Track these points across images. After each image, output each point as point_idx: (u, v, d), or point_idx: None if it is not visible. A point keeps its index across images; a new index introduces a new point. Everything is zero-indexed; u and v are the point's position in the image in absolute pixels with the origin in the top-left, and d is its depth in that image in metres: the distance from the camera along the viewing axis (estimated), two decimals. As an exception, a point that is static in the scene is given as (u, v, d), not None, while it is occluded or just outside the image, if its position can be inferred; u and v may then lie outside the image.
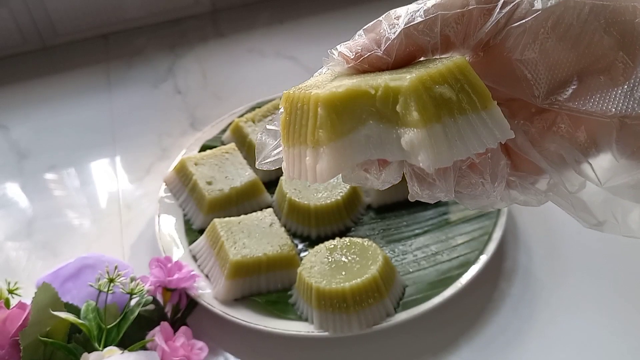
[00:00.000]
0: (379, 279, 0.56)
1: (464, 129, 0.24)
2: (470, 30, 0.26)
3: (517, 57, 0.26)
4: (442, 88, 0.24)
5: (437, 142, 0.23)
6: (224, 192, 0.67)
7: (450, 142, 0.24)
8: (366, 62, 0.27)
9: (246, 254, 0.59)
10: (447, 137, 0.24)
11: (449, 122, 0.24)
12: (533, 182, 0.28)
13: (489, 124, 0.24)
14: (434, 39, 0.26)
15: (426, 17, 0.26)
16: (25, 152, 0.84)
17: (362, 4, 1.03)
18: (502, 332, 0.57)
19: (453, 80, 0.24)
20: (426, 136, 0.23)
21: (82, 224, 0.73)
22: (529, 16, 0.25)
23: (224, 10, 1.06)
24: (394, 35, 0.26)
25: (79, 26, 1.00)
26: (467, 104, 0.24)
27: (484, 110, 0.24)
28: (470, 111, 0.24)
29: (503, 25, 0.26)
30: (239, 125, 0.75)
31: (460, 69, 0.24)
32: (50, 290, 0.52)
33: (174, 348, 0.53)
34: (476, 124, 0.24)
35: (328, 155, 0.24)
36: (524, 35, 0.25)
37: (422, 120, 0.23)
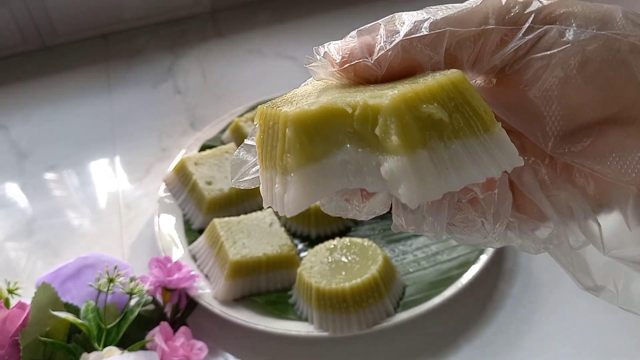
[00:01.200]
0: (379, 279, 0.56)
1: (457, 156, 0.20)
2: (484, 54, 0.22)
3: (534, 93, 0.22)
4: (430, 107, 0.20)
5: (421, 172, 0.19)
6: (223, 192, 0.67)
7: (440, 171, 0.20)
8: (352, 69, 0.23)
9: (246, 254, 0.59)
10: (436, 165, 0.20)
11: (438, 147, 0.20)
12: (533, 229, 0.24)
13: (491, 150, 0.21)
14: (436, 58, 0.22)
15: (432, 31, 0.22)
16: (25, 152, 0.84)
17: (362, 4, 1.03)
18: (502, 332, 0.57)
19: (445, 98, 0.20)
20: (407, 164, 0.19)
21: (82, 224, 0.73)
22: (556, 48, 0.21)
23: (224, 10, 1.06)
24: (389, 45, 0.22)
25: (78, 26, 1.00)
26: (464, 126, 0.21)
27: (486, 133, 0.21)
28: (467, 134, 0.21)
29: (524, 54, 0.22)
30: (238, 125, 0.75)
31: (456, 86, 0.21)
32: (50, 290, 0.52)
33: (174, 348, 0.53)
34: (474, 149, 0.21)
35: (296, 184, 0.20)
36: (546, 69, 0.21)
37: (402, 145, 0.19)
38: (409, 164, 0.19)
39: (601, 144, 0.22)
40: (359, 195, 0.23)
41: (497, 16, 0.22)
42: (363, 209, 0.23)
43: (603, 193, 0.22)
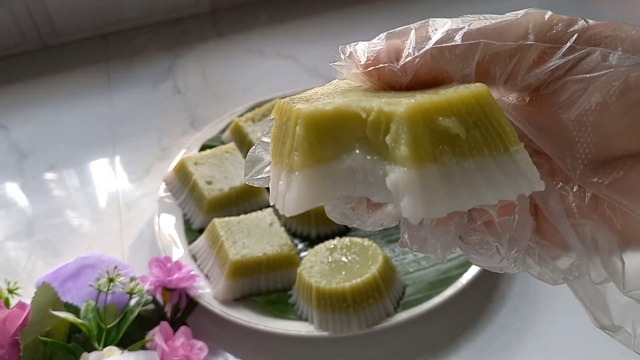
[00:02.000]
0: (379, 279, 0.56)
1: (470, 174, 0.19)
2: (519, 70, 0.21)
3: (568, 117, 0.20)
4: (447, 121, 0.19)
5: (428, 187, 0.18)
6: (223, 192, 0.67)
7: (448, 189, 0.19)
8: (376, 73, 0.22)
9: (246, 254, 0.59)
10: (444, 181, 0.19)
11: (449, 163, 0.19)
12: (554, 257, 0.23)
13: (509, 171, 0.19)
14: (467, 70, 0.21)
15: (465, 41, 0.21)
16: (25, 152, 0.84)
17: (362, 4, 1.03)
18: (502, 332, 0.57)
19: (465, 113, 0.19)
20: (414, 177, 0.18)
21: (82, 224, 0.73)
22: (597, 71, 0.20)
23: (224, 10, 1.06)
24: (418, 52, 0.21)
25: (78, 26, 1.00)
26: (481, 143, 0.19)
27: (506, 152, 0.20)
28: (483, 153, 0.19)
29: (562, 74, 0.20)
30: (238, 125, 0.75)
31: (478, 100, 0.20)
32: (50, 290, 0.52)
33: (174, 348, 0.53)
34: (490, 169, 0.19)
35: (299, 184, 0.20)
36: (583, 92, 0.20)
37: (411, 157, 0.18)
38: (416, 177, 0.18)
39: (632, 179, 0.20)
40: (365, 204, 0.22)
41: (537, 32, 0.21)
42: (368, 220, 0.22)
43: (630, 230, 0.21)
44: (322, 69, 0.91)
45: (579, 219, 0.22)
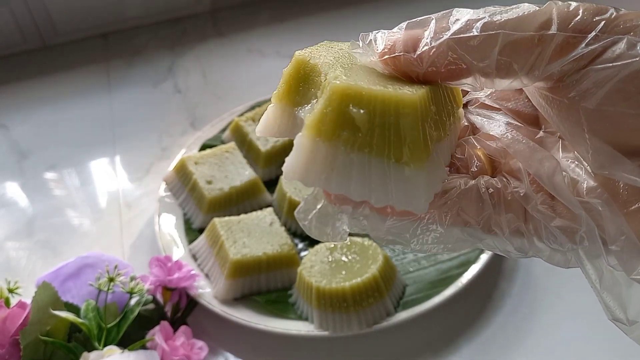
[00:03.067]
0: (379, 279, 0.56)
1: (351, 165, 0.20)
2: (542, 61, 0.20)
3: (587, 106, 0.20)
4: (356, 111, 0.20)
5: (310, 157, 0.20)
6: (224, 192, 0.67)
7: (326, 167, 0.20)
8: (392, 62, 0.22)
9: (246, 253, 0.59)
10: (326, 160, 0.20)
11: (339, 147, 0.20)
12: (562, 229, 0.22)
13: (389, 180, 0.20)
14: (486, 61, 0.21)
15: (483, 32, 0.20)
16: (25, 151, 0.84)
17: (362, 3, 1.03)
18: (502, 332, 0.57)
19: (378, 111, 0.20)
20: (304, 144, 0.20)
21: (82, 224, 0.73)
22: (622, 60, 0.19)
23: (224, 10, 1.06)
24: (436, 42, 0.21)
25: (79, 25, 1.00)
26: (376, 143, 0.20)
27: (397, 163, 0.20)
28: (372, 153, 0.20)
29: (586, 64, 0.20)
30: (238, 125, 0.75)
31: (398, 106, 0.20)
32: (51, 290, 0.52)
33: (174, 347, 0.53)
34: (371, 169, 0.20)
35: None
36: (605, 82, 0.19)
37: (310, 126, 0.20)
38: (305, 144, 0.20)
39: None
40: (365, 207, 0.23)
41: (561, 21, 0.20)
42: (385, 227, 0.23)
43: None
44: (322, 69, 0.91)
45: (586, 198, 0.21)
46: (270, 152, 0.72)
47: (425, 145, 0.21)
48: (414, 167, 0.20)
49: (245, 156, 0.72)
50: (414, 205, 0.21)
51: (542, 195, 0.22)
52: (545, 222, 0.22)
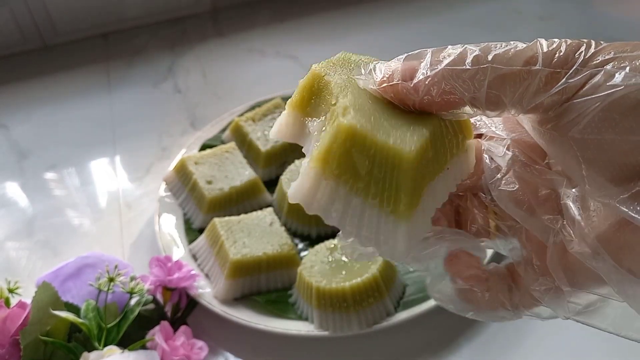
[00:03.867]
0: (379, 279, 0.56)
1: (348, 206, 0.22)
2: (528, 94, 0.22)
3: (574, 136, 0.21)
4: (359, 157, 0.22)
5: (314, 189, 0.23)
6: (224, 192, 0.67)
7: (326, 202, 0.22)
8: (391, 90, 0.24)
9: (246, 253, 0.59)
10: (327, 195, 0.22)
11: (339, 187, 0.22)
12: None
13: (380, 228, 0.22)
14: (476, 93, 0.22)
15: (474, 65, 0.22)
16: (25, 151, 0.84)
17: (362, 3, 1.03)
18: (502, 332, 0.57)
19: (377, 162, 0.22)
20: (311, 176, 0.23)
21: (82, 223, 0.73)
22: (600, 92, 0.20)
23: (224, 10, 1.06)
24: (430, 72, 0.23)
25: (79, 25, 1.00)
26: (372, 192, 0.22)
27: (392, 213, 0.22)
28: (369, 201, 0.22)
29: (570, 97, 0.21)
30: (239, 125, 0.75)
31: (396, 161, 0.22)
32: (51, 290, 0.52)
33: (174, 347, 0.53)
34: (363, 214, 0.22)
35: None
36: (588, 113, 0.21)
37: (317, 161, 0.22)
38: (311, 177, 0.22)
39: None
40: None
41: (545, 57, 0.22)
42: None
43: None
44: (322, 69, 0.91)
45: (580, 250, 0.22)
46: (270, 152, 0.72)
47: (415, 198, 0.22)
48: (401, 219, 0.22)
49: (245, 156, 0.72)
50: (395, 254, 0.23)
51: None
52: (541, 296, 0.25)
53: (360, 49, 0.96)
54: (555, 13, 1.02)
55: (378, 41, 0.95)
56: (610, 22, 0.99)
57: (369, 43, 0.95)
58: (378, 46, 0.93)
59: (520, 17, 1.02)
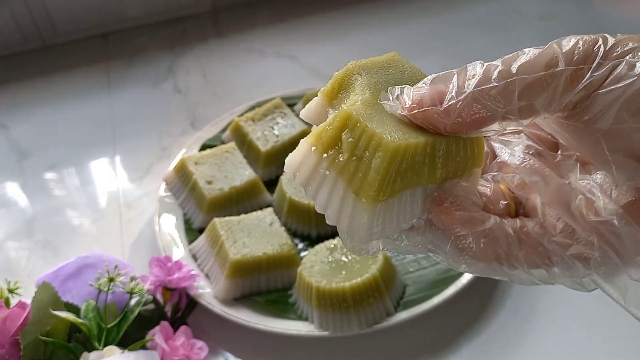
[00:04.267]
0: (379, 279, 0.56)
1: (324, 181, 0.24)
2: (557, 96, 0.22)
3: (601, 127, 0.22)
4: (347, 138, 0.24)
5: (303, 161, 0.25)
6: (224, 192, 0.67)
7: (309, 175, 0.24)
8: (421, 116, 0.24)
9: (246, 254, 0.59)
10: (311, 169, 0.24)
11: (322, 163, 0.24)
12: (577, 257, 0.24)
13: (346, 209, 0.24)
14: (509, 107, 0.23)
15: (501, 81, 0.22)
16: (25, 151, 0.84)
17: (362, 3, 1.03)
18: (502, 332, 0.57)
19: (365, 146, 0.23)
20: (302, 151, 0.25)
21: (82, 224, 0.73)
22: (624, 81, 0.21)
23: (224, 10, 1.06)
24: (460, 96, 0.23)
25: (79, 26, 1.00)
26: (350, 172, 0.24)
27: (355, 194, 0.23)
28: (343, 178, 0.24)
29: (594, 90, 0.22)
30: (239, 125, 0.75)
31: (383, 148, 0.23)
32: (51, 290, 0.52)
33: (174, 347, 0.53)
34: (337, 191, 0.24)
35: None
36: (613, 103, 0.21)
37: (311, 136, 0.25)
38: (303, 150, 0.25)
39: None
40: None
41: (565, 57, 0.22)
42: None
43: None
44: (322, 69, 0.91)
45: (603, 216, 0.23)
46: (270, 152, 0.72)
47: (385, 190, 0.23)
48: (364, 204, 0.23)
49: (245, 156, 0.72)
50: (352, 237, 0.24)
51: (562, 222, 0.24)
52: (561, 253, 0.24)
53: (360, 49, 0.96)
54: (555, 13, 1.02)
55: (378, 41, 0.95)
56: (610, 22, 0.99)
57: (369, 43, 0.95)
58: (378, 46, 0.93)
59: (520, 17, 1.02)
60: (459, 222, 0.24)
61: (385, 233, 0.24)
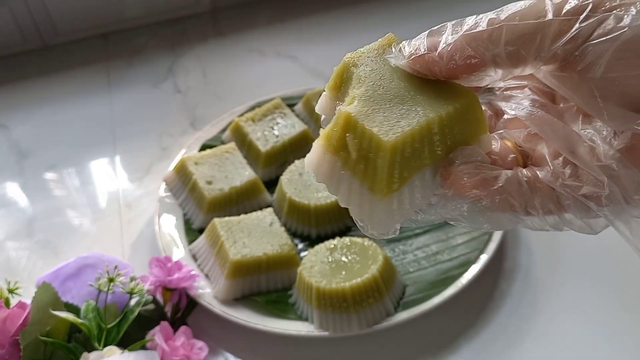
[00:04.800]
0: (379, 279, 0.56)
1: (342, 179, 0.26)
2: (544, 45, 0.24)
3: (593, 76, 0.23)
4: (352, 140, 0.25)
5: (319, 162, 0.27)
6: (224, 192, 0.67)
7: (328, 174, 0.26)
8: (419, 61, 0.26)
9: (246, 254, 0.59)
10: (328, 169, 0.26)
11: (337, 163, 0.26)
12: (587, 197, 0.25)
13: (366, 202, 0.26)
14: (496, 50, 0.24)
15: (489, 26, 0.24)
16: (25, 151, 0.84)
17: (362, 3, 1.03)
18: (502, 332, 0.57)
19: (368, 147, 0.25)
20: (317, 152, 0.27)
21: (82, 224, 0.73)
22: (613, 33, 0.22)
23: (224, 10, 1.06)
24: (452, 40, 0.25)
25: (79, 26, 1.00)
26: (361, 171, 0.25)
27: (369, 190, 0.25)
28: (357, 176, 0.26)
29: (582, 42, 0.23)
30: (238, 125, 0.75)
31: (381, 149, 0.25)
32: (51, 290, 0.52)
33: (174, 347, 0.53)
34: (355, 188, 0.26)
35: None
36: (603, 54, 0.23)
37: (321, 138, 0.27)
38: (317, 151, 0.27)
39: None
40: None
41: (555, 9, 0.24)
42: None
43: None
44: (322, 69, 0.91)
45: (604, 161, 0.24)
46: (270, 153, 0.72)
47: (392, 182, 0.25)
48: (378, 198, 0.25)
49: (245, 156, 0.72)
50: (375, 227, 0.26)
51: (569, 168, 0.26)
52: (574, 193, 0.25)
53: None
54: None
55: (378, 41, 0.95)
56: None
57: (369, 43, 0.95)
58: (378, 46, 0.92)
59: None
60: (472, 186, 0.26)
61: (405, 216, 0.26)
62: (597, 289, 0.60)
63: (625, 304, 0.58)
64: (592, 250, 0.63)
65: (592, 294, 0.59)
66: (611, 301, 0.59)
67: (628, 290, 0.59)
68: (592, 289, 0.60)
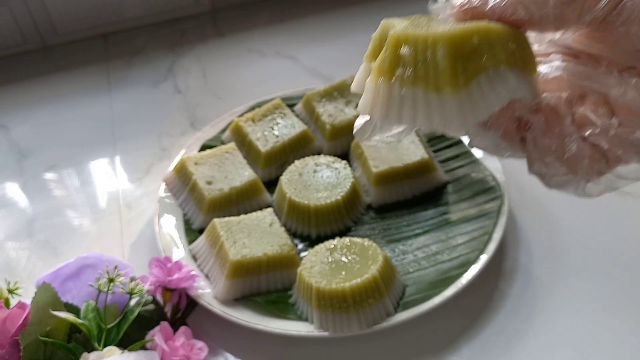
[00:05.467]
0: (379, 279, 0.56)
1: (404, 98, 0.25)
2: (586, 8, 0.26)
3: (634, 30, 0.26)
4: (406, 51, 0.25)
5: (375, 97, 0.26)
6: (223, 192, 0.67)
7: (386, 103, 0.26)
8: (470, 13, 0.28)
9: (246, 254, 0.59)
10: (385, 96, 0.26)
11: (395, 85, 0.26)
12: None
13: (435, 107, 0.25)
14: (545, 10, 0.26)
15: None
16: (25, 151, 0.84)
17: (362, 3, 1.03)
18: (502, 332, 0.57)
19: (424, 47, 0.25)
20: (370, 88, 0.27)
21: (82, 224, 0.73)
22: None
23: (224, 10, 1.06)
24: None
25: (79, 26, 1.00)
26: (423, 76, 0.25)
27: (437, 90, 0.25)
28: (420, 84, 0.25)
29: (619, 2, 0.26)
30: (238, 125, 0.75)
31: (437, 40, 0.25)
32: (50, 290, 0.52)
33: (174, 348, 0.53)
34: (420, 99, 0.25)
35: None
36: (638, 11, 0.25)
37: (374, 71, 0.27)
38: (371, 87, 0.27)
39: None
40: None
41: None
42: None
43: None
44: (322, 69, 0.91)
45: None
46: (270, 153, 0.72)
47: (459, 76, 0.25)
48: (448, 94, 0.25)
49: (245, 156, 0.72)
50: (449, 129, 0.25)
51: (615, 119, 0.27)
52: (627, 136, 0.27)
53: (360, 48, 0.96)
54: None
55: (378, 41, 0.95)
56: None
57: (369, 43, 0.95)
58: (378, 46, 0.92)
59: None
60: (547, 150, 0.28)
61: (478, 117, 0.26)
62: (597, 289, 0.60)
63: (625, 304, 0.58)
64: (592, 251, 0.63)
65: (591, 294, 0.59)
66: (611, 302, 0.59)
67: (628, 291, 0.59)
68: (592, 289, 0.60)
